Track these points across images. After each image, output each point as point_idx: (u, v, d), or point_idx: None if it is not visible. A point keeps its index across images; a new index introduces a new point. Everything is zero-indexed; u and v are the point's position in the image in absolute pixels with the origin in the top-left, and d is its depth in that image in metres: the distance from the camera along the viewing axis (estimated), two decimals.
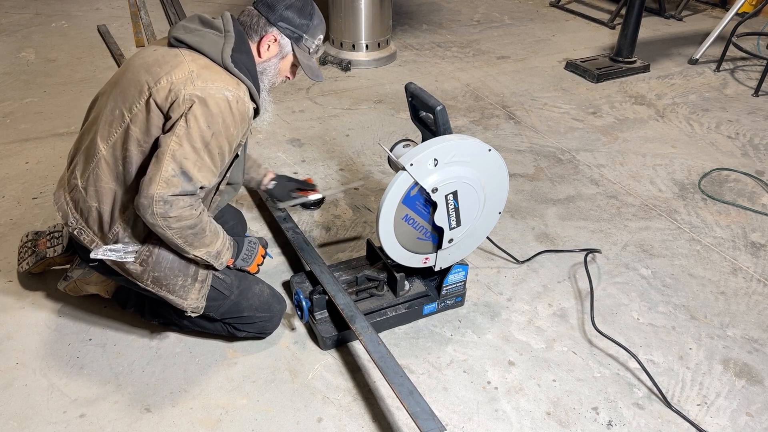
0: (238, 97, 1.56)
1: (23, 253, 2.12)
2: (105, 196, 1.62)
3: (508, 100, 3.72)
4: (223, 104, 1.52)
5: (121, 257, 1.65)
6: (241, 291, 1.82)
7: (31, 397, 1.74)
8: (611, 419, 1.74)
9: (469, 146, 1.76)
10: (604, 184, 2.87)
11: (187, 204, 1.53)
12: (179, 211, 1.52)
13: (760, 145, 3.25)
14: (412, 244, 1.87)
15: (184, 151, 1.49)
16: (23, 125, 3.21)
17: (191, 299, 1.72)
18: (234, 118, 1.55)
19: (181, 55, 1.57)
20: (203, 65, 1.55)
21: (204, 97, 1.50)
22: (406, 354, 1.93)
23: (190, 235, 1.59)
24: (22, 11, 5.00)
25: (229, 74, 1.57)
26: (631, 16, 4.00)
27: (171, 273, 1.68)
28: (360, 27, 4.09)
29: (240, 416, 1.71)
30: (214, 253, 1.67)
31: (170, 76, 1.52)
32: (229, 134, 1.56)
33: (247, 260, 1.83)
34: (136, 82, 1.56)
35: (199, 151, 1.51)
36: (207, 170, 1.55)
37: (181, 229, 1.56)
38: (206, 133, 1.51)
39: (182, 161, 1.49)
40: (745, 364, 1.93)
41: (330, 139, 3.18)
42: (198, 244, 1.62)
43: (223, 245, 1.71)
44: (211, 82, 1.52)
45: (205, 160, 1.53)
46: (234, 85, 1.56)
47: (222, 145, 1.55)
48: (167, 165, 1.48)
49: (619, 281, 2.27)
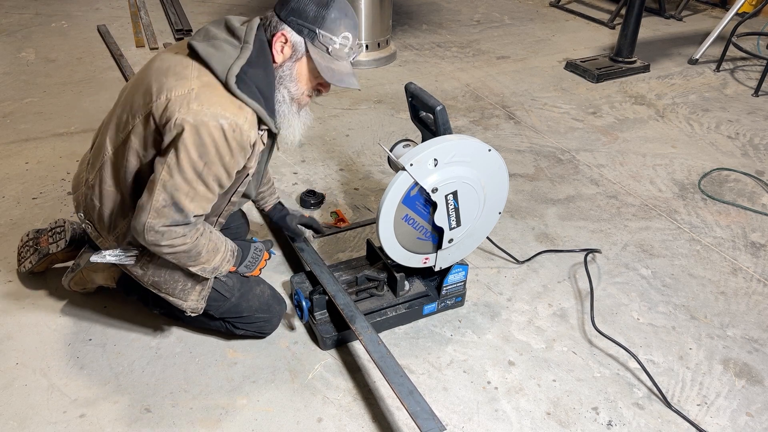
0: (236, 125, 1.42)
1: (24, 253, 2.11)
2: (107, 199, 1.63)
3: (508, 100, 3.71)
4: (216, 133, 1.40)
5: (121, 261, 1.67)
6: (242, 293, 1.82)
7: (31, 397, 1.74)
8: (611, 419, 1.74)
9: (469, 146, 1.76)
10: (604, 184, 2.87)
11: (180, 234, 1.50)
12: (171, 241, 1.50)
13: (760, 145, 3.25)
14: (412, 244, 1.87)
15: (174, 182, 1.43)
16: (23, 125, 3.21)
17: (191, 301, 1.73)
18: (229, 148, 1.44)
19: (190, 67, 1.46)
20: (205, 83, 1.43)
21: (196, 124, 1.39)
22: (406, 354, 1.93)
23: (184, 258, 1.57)
24: (22, 11, 5.00)
25: (231, 96, 1.44)
26: (631, 16, 4.00)
27: (171, 278, 1.69)
28: (360, 27, 4.09)
29: (240, 416, 1.71)
30: (210, 269, 1.65)
31: (171, 91, 1.43)
32: (225, 163, 1.46)
33: (250, 267, 1.82)
34: (146, 89, 1.49)
35: (191, 182, 1.44)
36: (201, 199, 1.48)
37: (174, 254, 1.55)
38: (197, 164, 1.42)
39: (173, 192, 1.44)
40: (745, 364, 1.93)
41: (330, 139, 3.18)
42: (192, 263, 1.61)
43: (223, 259, 1.68)
44: (207, 105, 1.40)
45: (198, 190, 1.46)
46: (234, 110, 1.43)
47: (218, 173, 1.47)
48: (158, 195, 1.44)
49: (619, 281, 2.27)
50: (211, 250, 1.63)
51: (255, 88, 1.47)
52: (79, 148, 2.97)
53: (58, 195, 2.62)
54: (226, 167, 1.47)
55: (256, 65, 1.48)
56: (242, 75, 1.45)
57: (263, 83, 1.50)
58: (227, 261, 1.70)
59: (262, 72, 1.49)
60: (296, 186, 2.77)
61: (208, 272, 1.66)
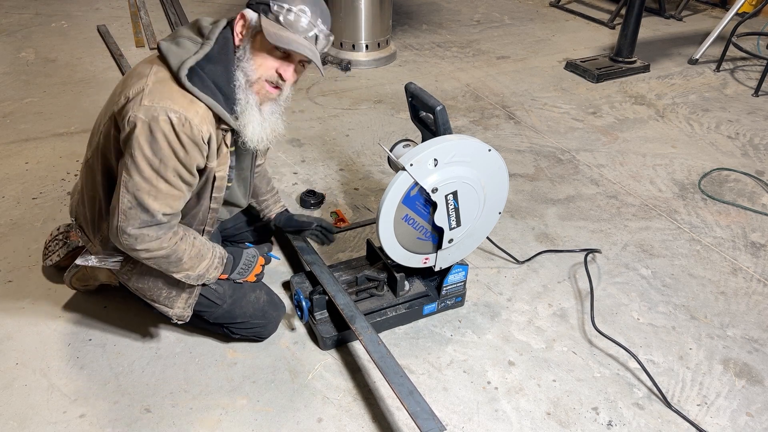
0: (184, 119, 1.39)
1: (53, 246, 2.12)
2: (90, 204, 1.66)
3: (508, 100, 3.71)
4: (166, 128, 1.39)
5: (105, 265, 1.68)
6: (234, 300, 1.80)
7: (31, 397, 1.74)
8: (611, 419, 1.74)
9: (469, 146, 1.76)
10: (604, 184, 2.87)
11: (154, 237, 1.49)
12: (146, 245, 1.49)
13: (760, 145, 3.25)
14: (412, 244, 1.87)
15: (134, 182, 1.43)
16: (23, 125, 3.21)
17: (177, 308, 1.72)
18: (181, 143, 1.41)
19: (150, 66, 1.47)
20: (159, 79, 1.43)
21: (146, 120, 1.38)
22: (406, 354, 1.93)
23: (164, 263, 1.56)
24: (22, 11, 5.00)
25: (182, 91, 1.42)
26: (631, 16, 4.00)
27: (155, 286, 1.69)
28: (360, 27, 4.09)
29: (240, 416, 1.71)
30: (195, 276, 1.63)
31: (129, 90, 1.44)
32: (180, 158, 1.43)
33: (243, 273, 1.79)
34: (114, 92, 1.53)
35: (151, 180, 1.42)
36: (165, 197, 1.46)
37: (154, 259, 1.53)
38: (153, 161, 1.41)
39: (135, 192, 1.43)
40: (745, 364, 1.93)
41: (330, 139, 3.18)
42: (175, 270, 1.59)
43: (210, 266, 1.65)
44: (158, 100, 1.39)
45: (160, 189, 1.44)
46: (184, 104, 1.41)
47: (177, 169, 1.44)
48: (122, 197, 1.44)
49: (619, 281, 2.27)
50: (194, 256, 1.60)
51: (211, 84, 1.45)
52: (79, 148, 2.97)
53: (58, 195, 2.62)
54: (183, 162, 1.44)
55: (216, 62, 1.46)
56: (197, 69, 1.43)
57: (222, 80, 1.47)
58: (214, 268, 1.67)
59: (222, 68, 1.47)
60: (296, 186, 2.77)
61: (193, 279, 1.64)
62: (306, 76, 3.94)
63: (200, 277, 1.65)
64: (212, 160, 1.54)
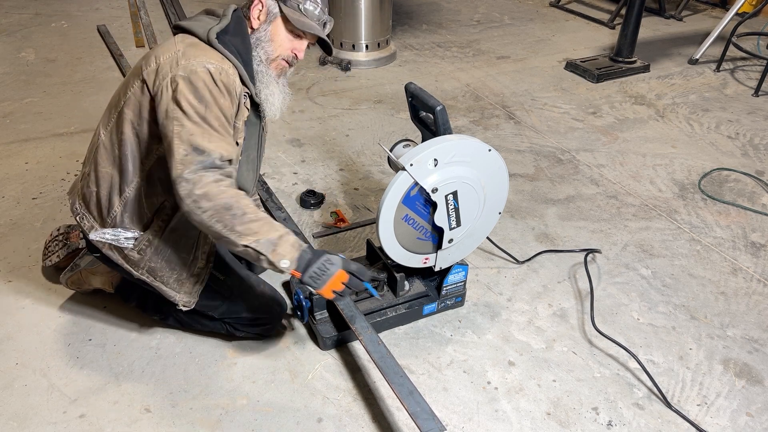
0: (221, 69, 1.53)
1: (53, 247, 2.13)
2: (103, 180, 1.65)
3: (508, 100, 3.71)
4: (206, 77, 1.50)
5: (119, 242, 1.66)
6: (241, 293, 1.82)
7: (31, 397, 1.74)
8: (611, 419, 1.74)
9: (469, 146, 1.76)
10: (604, 184, 2.87)
11: (212, 179, 1.44)
12: (205, 188, 1.43)
13: (760, 145, 3.25)
14: (412, 244, 1.87)
15: (187, 129, 1.47)
16: (23, 125, 3.21)
17: (184, 293, 1.73)
18: (219, 89, 1.52)
19: (174, 38, 1.59)
20: (190, 44, 1.56)
21: (187, 75, 1.49)
22: (406, 354, 1.93)
23: (228, 218, 1.42)
24: (21, 11, 5.00)
25: (213, 50, 1.57)
26: (631, 16, 4.00)
27: (167, 266, 1.69)
28: (360, 27, 4.09)
29: (240, 416, 1.71)
30: (264, 242, 1.43)
31: (159, 57, 1.54)
32: (220, 105, 1.52)
33: (317, 280, 1.50)
34: (136, 68, 1.61)
35: (201, 125, 1.48)
36: (218, 139, 1.49)
37: (215, 211, 1.42)
38: (199, 107, 1.49)
39: (189, 138, 1.46)
40: (745, 364, 1.93)
41: (330, 139, 3.18)
42: (243, 229, 1.42)
43: (283, 239, 1.46)
44: (193, 58, 1.51)
45: (211, 132, 1.49)
46: (218, 58, 1.55)
47: (218, 115, 1.52)
48: (177, 148, 1.46)
49: (619, 281, 2.27)
50: (263, 219, 1.47)
51: (234, 49, 1.60)
52: (79, 148, 2.97)
53: (58, 195, 2.62)
54: (222, 109, 1.53)
55: (234, 34, 1.62)
56: (221, 36, 1.59)
57: (241, 49, 1.63)
58: (291, 245, 1.46)
59: (239, 40, 1.63)
60: (296, 186, 2.77)
61: (264, 245, 1.43)
62: (306, 76, 3.94)
63: (273, 244, 1.44)
64: (240, 120, 1.64)
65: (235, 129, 1.62)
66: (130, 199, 1.63)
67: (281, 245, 1.45)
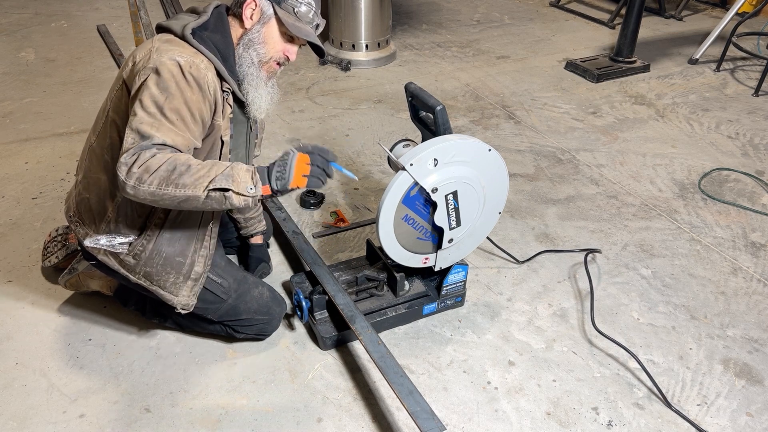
0: (192, 62, 1.49)
1: (52, 248, 2.13)
2: (94, 186, 1.65)
3: (508, 100, 3.71)
4: (174, 68, 1.46)
5: (114, 247, 1.65)
6: (239, 294, 1.82)
7: (31, 397, 1.74)
8: (611, 419, 1.74)
9: (469, 146, 1.76)
10: (604, 184, 2.87)
11: (149, 156, 1.39)
12: (144, 164, 1.37)
13: (760, 145, 3.25)
14: (412, 244, 1.87)
15: (138, 117, 1.43)
16: (23, 125, 3.21)
17: (182, 296, 1.72)
18: (188, 82, 1.47)
19: (152, 38, 1.59)
20: (165, 40, 1.55)
21: (156, 66, 1.46)
22: (406, 354, 1.93)
23: (175, 177, 1.38)
24: (21, 11, 5.00)
25: (188, 45, 1.54)
26: (631, 15, 4.00)
27: (163, 270, 1.68)
28: (360, 27, 4.09)
29: (240, 416, 1.71)
30: (220, 177, 1.39)
31: (135, 57, 1.54)
32: (186, 98, 1.46)
33: (282, 176, 1.46)
34: (119, 73, 1.61)
35: (154, 115, 1.43)
36: (167, 130, 1.43)
37: (161, 179, 1.37)
38: (158, 97, 1.44)
39: (138, 126, 1.42)
40: (745, 364, 1.93)
41: (330, 139, 3.18)
42: (194, 180, 1.39)
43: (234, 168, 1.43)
44: (165, 52, 1.49)
45: (162, 122, 1.43)
46: (190, 52, 1.52)
47: (179, 108, 1.45)
48: (127, 137, 1.43)
49: (619, 281, 2.27)
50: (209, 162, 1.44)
51: (212, 45, 1.58)
52: (79, 148, 2.97)
53: (57, 195, 2.62)
54: (187, 102, 1.46)
55: (213, 30, 1.60)
56: (198, 32, 1.57)
57: (221, 44, 1.60)
58: (245, 170, 1.43)
59: (219, 36, 1.61)
60: None
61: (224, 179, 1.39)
62: (306, 76, 3.94)
63: (228, 177, 1.40)
64: (219, 117, 1.59)
65: (215, 126, 1.59)
66: (122, 204, 1.62)
67: (237, 173, 1.42)
